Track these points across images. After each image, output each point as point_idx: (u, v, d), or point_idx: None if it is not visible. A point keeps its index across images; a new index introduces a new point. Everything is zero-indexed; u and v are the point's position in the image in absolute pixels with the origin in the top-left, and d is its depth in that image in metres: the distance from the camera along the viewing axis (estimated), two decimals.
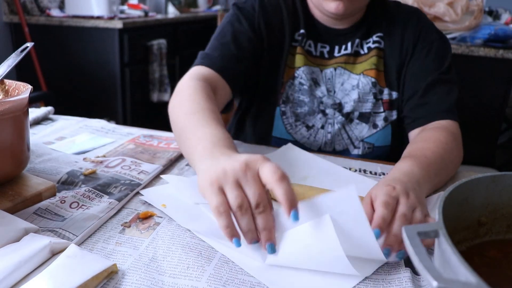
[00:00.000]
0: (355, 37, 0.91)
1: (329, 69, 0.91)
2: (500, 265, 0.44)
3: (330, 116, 0.90)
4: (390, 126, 0.90)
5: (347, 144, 0.91)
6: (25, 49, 0.71)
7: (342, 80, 0.91)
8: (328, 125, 0.90)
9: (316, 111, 0.90)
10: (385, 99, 0.90)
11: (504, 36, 1.75)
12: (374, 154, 0.91)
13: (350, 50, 0.91)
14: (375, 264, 0.51)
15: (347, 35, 0.91)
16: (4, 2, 2.42)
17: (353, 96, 0.89)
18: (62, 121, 0.99)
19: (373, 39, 0.91)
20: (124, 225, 0.58)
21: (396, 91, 0.90)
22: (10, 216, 0.54)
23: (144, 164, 0.75)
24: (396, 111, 0.90)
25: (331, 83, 0.91)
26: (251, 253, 0.52)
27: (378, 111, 0.90)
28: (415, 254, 0.32)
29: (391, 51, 0.90)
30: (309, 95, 0.90)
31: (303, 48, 0.91)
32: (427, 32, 0.90)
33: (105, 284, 0.46)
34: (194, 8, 3.68)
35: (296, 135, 0.91)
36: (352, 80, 0.90)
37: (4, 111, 0.56)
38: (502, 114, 1.90)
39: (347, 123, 0.90)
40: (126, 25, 2.33)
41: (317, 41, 0.92)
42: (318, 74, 0.91)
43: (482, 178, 0.46)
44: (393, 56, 0.90)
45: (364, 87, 0.89)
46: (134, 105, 2.53)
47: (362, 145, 0.90)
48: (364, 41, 0.91)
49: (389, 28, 0.91)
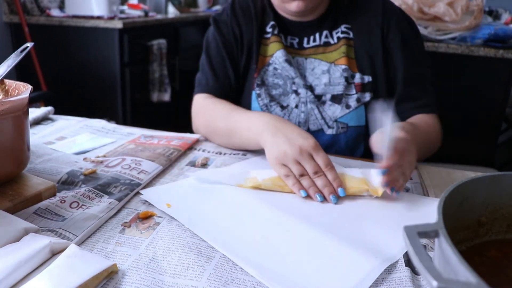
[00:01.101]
0: (323, 29, 0.96)
1: (300, 58, 0.96)
2: (500, 265, 0.44)
3: (302, 96, 0.93)
4: (363, 107, 0.92)
5: (321, 124, 0.93)
6: (25, 49, 0.71)
7: (313, 66, 0.94)
8: (301, 104, 0.93)
9: (289, 92, 0.93)
10: (357, 83, 0.92)
11: (504, 36, 1.75)
12: (348, 134, 0.93)
13: (318, 41, 0.95)
14: (377, 267, 0.51)
15: (314, 27, 0.96)
16: (4, 2, 2.42)
17: (324, 80, 0.93)
18: (62, 121, 0.99)
19: (341, 29, 0.94)
20: (124, 225, 0.58)
21: (368, 75, 0.93)
22: (10, 216, 0.54)
23: (144, 163, 0.75)
24: (369, 93, 0.92)
25: (302, 68, 0.95)
26: (251, 253, 0.52)
27: (350, 93, 0.92)
28: (415, 254, 0.32)
29: (360, 40, 0.94)
30: (283, 78, 0.94)
31: (278, 36, 0.95)
32: (389, 7, 0.94)
33: (105, 284, 0.46)
34: (194, 8, 3.68)
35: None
36: (322, 66, 0.94)
37: (4, 111, 0.56)
38: (502, 114, 1.90)
39: (320, 105, 0.93)
40: (126, 25, 2.33)
41: (287, 34, 0.97)
42: (290, 58, 0.95)
43: (482, 178, 0.46)
44: (363, 44, 0.93)
45: (334, 73, 0.92)
46: (134, 105, 2.53)
47: (336, 125, 0.93)
48: (334, 31, 0.95)
49: (356, 17, 0.95)
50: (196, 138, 0.90)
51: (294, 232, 0.57)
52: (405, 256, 0.53)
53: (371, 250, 0.53)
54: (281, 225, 0.58)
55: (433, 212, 0.61)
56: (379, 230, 0.58)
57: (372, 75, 0.93)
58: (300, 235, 0.56)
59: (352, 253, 0.52)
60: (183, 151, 0.83)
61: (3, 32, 2.46)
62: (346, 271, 0.49)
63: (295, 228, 0.58)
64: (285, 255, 0.52)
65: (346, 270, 0.49)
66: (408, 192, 0.72)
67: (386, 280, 0.49)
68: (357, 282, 0.47)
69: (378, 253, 0.52)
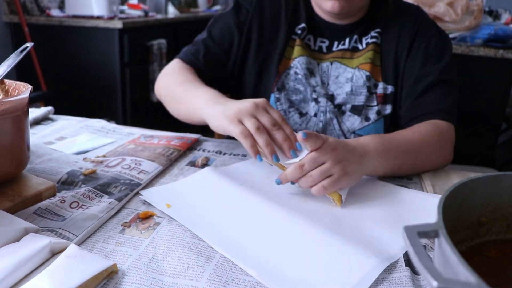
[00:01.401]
0: (354, 34, 0.93)
1: (325, 63, 0.93)
2: (500, 265, 0.44)
3: (322, 105, 0.91)
4: (383, 120, 0.90)
5: (339, 136, 0.92)
6: (25, 49, 0.71)
7: (337, 73, 0.92)
8: (320, 113, 0.91)
9: (310, 99, 0.92)
10: (379, 93, 0.90)
11: (504, 36, 1.75)
12: None
13: (347, 45, 0.93)
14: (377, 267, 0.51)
15: (347, 32, 0.93)
16: (4, 2, 2.42)
17: (346, 88, 0.91)
18: (62, 121, 0.99)
19: (371, 34, 0.92)
20: (124, 225, 0.58)
21: (392, 85, 0.90)
22: (10, 216, 0.53)
23: (144, 163, 0.75)
24: (390, 105, 0.90)
25: (326, 76, 0.93)
26: (251, 254, 0.52)
27: (371, 104, 0.90)
28: (415, 254, 0.32)
29: (388, 46, 0.91)
30: (303, 84, 0.92)
31: (303, 41, 0.93)
32: (425, 28, 0.91)
33: (105, 284, 0.46)
34: (194, 8, 3.68)
35: (288, 122, 0.92)
36: (347, 73, 0.92)
37: (4, 111, 0.56)
38: (502, 114, 1.90)
39: (339, 114, 0.91)
40: (126, 25, 2.33)
41: (317, 35, 0.95)
42: (314, 66, 0.93)
43: (482, 178, 0.46)
44: (390, 51, 0.91)
45: (357, 80, 0.90)
46: (134, 105, 2.53)
47: (353, 138, 0.91)
48: (363, 37, 0.93)
49: (387, 23, 0.92)
50: (196, 138, 0.90)
51: (293, 231, 0.57)
52: (405, 256, 0.53)
53: (371, 250, 0.53)
54: (281, 224, 0.58)
55: (433, 210, 0.61)
56: (379, 229, 0.58)
57: (395, 85, 0.90)
58: (300, 234, 0.56)
59: (352, 252, 0.52)
60: (183, 151, 0.83)
61: (3, 32, 2.46)
62: (346, 270, 0.49)
63: (295, 228, 0.58)
64: (284, 255, 0.52)
65: (346, 270, 0.49)
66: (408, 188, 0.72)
67: (386, 280, 0.49)
68: (357, 282, 0.47)
69: (378, 252, 0.52)
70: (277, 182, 0.64)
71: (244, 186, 0.68)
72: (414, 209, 0.65)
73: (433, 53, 0.88)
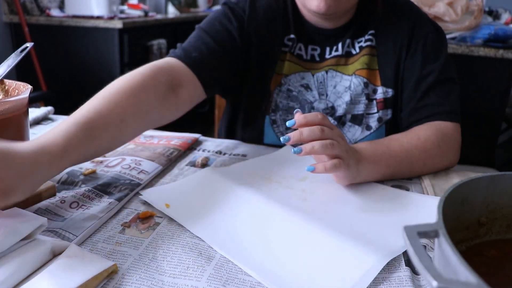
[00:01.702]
0: (346, 37, 0.89)
1: (320, 73, 0.90)
2: (500, 265, 0.44)
3: None
4: (384, 127, 0.89)
5: None
6: (25, 49, 0.71)
7: (335, 83, 0.89)
8: None
9: None
10: (379, 99, 0.88)
11: (504, 36, 1.75)
12: None
13: (341, 51, 0.89)
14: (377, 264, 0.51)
15: (338, 36, 0.89)
16: (4, 2, 2.42)
17: (346, 98, 0.88)
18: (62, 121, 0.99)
19: (365, 38, 0.89)
20: (124, 225, 0.58)
21: (392, 88, 0.88)
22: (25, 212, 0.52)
23: (144, 162, 0.74)
24: (391, 110, 0.88)
25: (323, 87, 0.89)
26: (251, 254, 0.52)
27: (371, 112, 0.88)
28: (415, 254, 0.32)
29: (385, 47, 0.87)
30: (300, 101, 0.89)
31: (293, 54, 0.89)
32: (421, 24, 0.88)
33: (105, 284, 0.46)
34: (194, 8, 3.69)
35: None
36: (344, 81, 0.89)
37: (4, 111, 0.56)
38: (502, 114, 1.90)
39: (340, 126, 0.89)
40: (126, 25, 2.33)
41: (308, 43, 0.90)
42: (309, 79, 0.89)
43: (482, 178, 0.46)
44: (388, 53, 0.87)
45: (356, 88, 0.87)
46: None
47: None
48: (356, 41, 0.89)
49: (381, 24, 0.88)
50: (196, 137, 0.90)
51: (293, 231, 0.57)
52: (405, 256, 0.53)
53: (370, 248, 0.53)
54: (280, 224, 0.58)
55: (432, 211, 0.61)
56: (379, 229, 0.58)
57: (395, 88, 0.87)
58: (300, 234, 0.56)
59: (351, 251, 0.52)
60: (183, 151, 0.83)
61: (3, 32, 2.46)
62: (346, 269, 0.49)
63: (294, 228, 0.58)
64: (284, 254, 0.52)
65: (346, 269, 0.49)
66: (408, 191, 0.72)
67: (386, 279, 0.49)
68: (357, 281, 0.47)
69: (378, 250, 0.52)
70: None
71: (244, 186, 0.68)
72: (413, 210, 0.65)
73: (431, 51, 0.86)
